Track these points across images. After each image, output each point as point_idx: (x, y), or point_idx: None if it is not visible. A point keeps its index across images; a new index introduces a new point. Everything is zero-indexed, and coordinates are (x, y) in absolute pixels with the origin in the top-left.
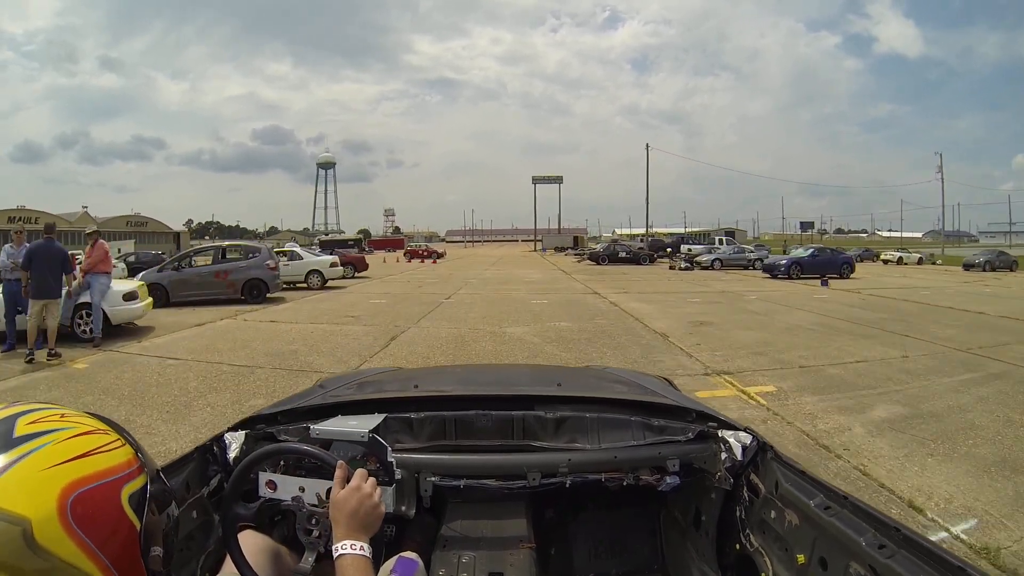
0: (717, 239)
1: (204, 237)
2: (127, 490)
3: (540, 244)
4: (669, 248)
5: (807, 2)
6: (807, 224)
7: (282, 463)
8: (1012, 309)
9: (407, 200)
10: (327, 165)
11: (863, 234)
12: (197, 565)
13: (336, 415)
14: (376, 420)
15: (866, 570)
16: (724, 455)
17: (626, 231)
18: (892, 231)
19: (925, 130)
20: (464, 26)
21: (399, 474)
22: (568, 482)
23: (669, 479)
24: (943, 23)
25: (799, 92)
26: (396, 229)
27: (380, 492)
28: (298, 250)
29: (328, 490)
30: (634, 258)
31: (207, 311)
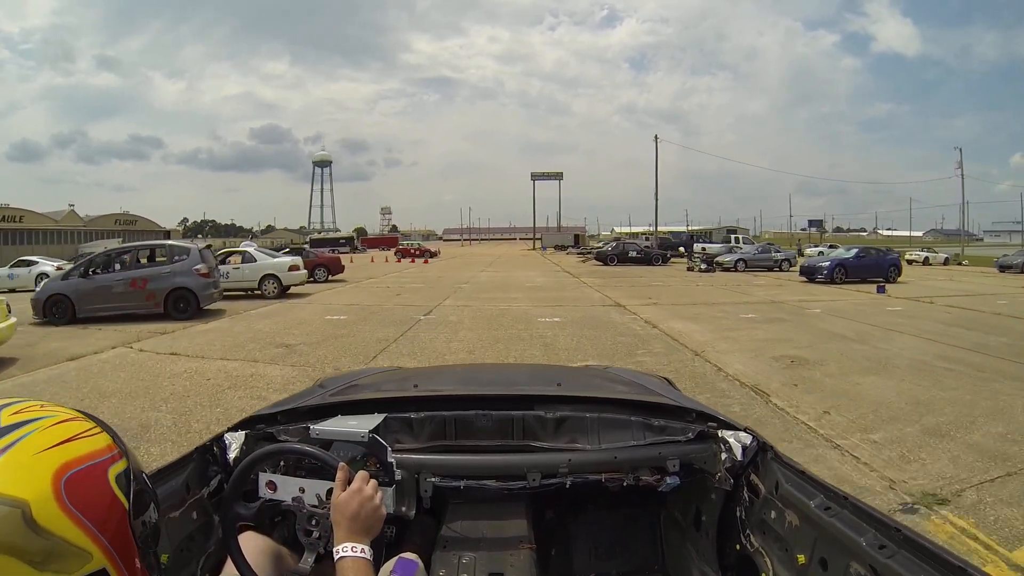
0: (734, 237)
1: (198, 236)
2: (113, 471)
3: (540, 242)
4: (682, 247)
5: (805, 1)
6: (815, 221)
7: (282, 464)
8: None
9: (405, 199)
10: (323, 163)
11: (863, 232)
12: (197, 566)
13: (336, 415)
14: (376, 420)
15: (866, 570)
16: (724, 455)
17: (626, 229)
18: (891, 230)
19: (924, 129)
20: (462, 25)
21: (399, 475)
22: (568, 482)
23: (669, 479)
24: (941, 22)
25: (797, 91)
26: (393, 227)
27: (381, 495)
28: (252, 251)
29: (328, 491)
30: (645, 258)
31: (110, 332)
